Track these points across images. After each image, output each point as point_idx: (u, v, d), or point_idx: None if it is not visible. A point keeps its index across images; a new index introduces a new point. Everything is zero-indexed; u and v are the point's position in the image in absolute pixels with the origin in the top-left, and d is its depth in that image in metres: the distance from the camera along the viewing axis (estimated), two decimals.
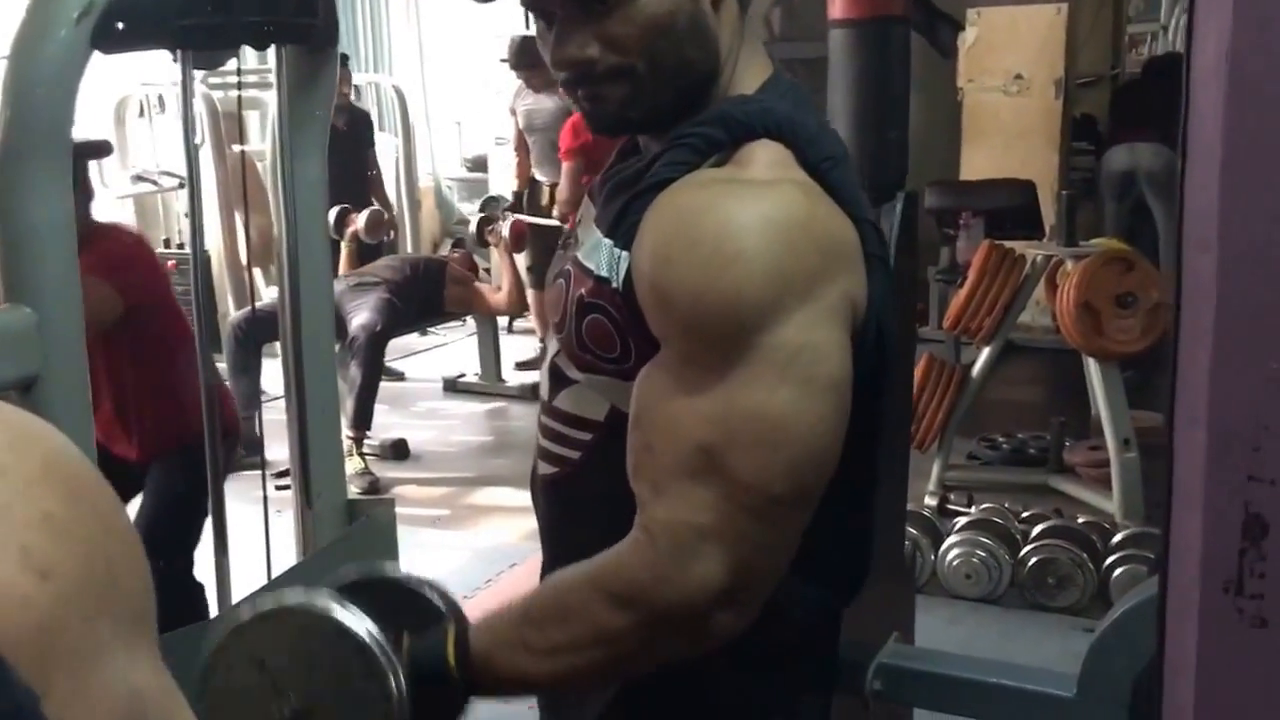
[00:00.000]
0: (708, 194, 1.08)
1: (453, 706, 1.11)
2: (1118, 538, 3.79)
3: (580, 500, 1.25)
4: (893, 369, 1.20)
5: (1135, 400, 4.37)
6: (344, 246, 5.90)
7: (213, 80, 6.23)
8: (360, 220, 5.92)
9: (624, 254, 1.12)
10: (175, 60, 1.71)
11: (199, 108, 5.72)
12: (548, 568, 1.32)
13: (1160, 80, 6.55)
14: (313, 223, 1.94)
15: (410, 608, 1.13)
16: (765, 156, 1.11)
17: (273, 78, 1.90)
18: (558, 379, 1.24)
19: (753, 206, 1.05)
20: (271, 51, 1.88)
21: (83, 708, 0.43)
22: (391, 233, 6.72)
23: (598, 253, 1.15)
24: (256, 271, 6.61)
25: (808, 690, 1.27)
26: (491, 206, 6.15)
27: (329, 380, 2.05)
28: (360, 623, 1.05)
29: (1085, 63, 6.75)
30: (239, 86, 4.44)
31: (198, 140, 1.92)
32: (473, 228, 6.14)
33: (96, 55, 1.60)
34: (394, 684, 1.04)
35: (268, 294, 6.43)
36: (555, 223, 6.26)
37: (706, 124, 1.13)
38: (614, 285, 1.12)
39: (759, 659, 1.17)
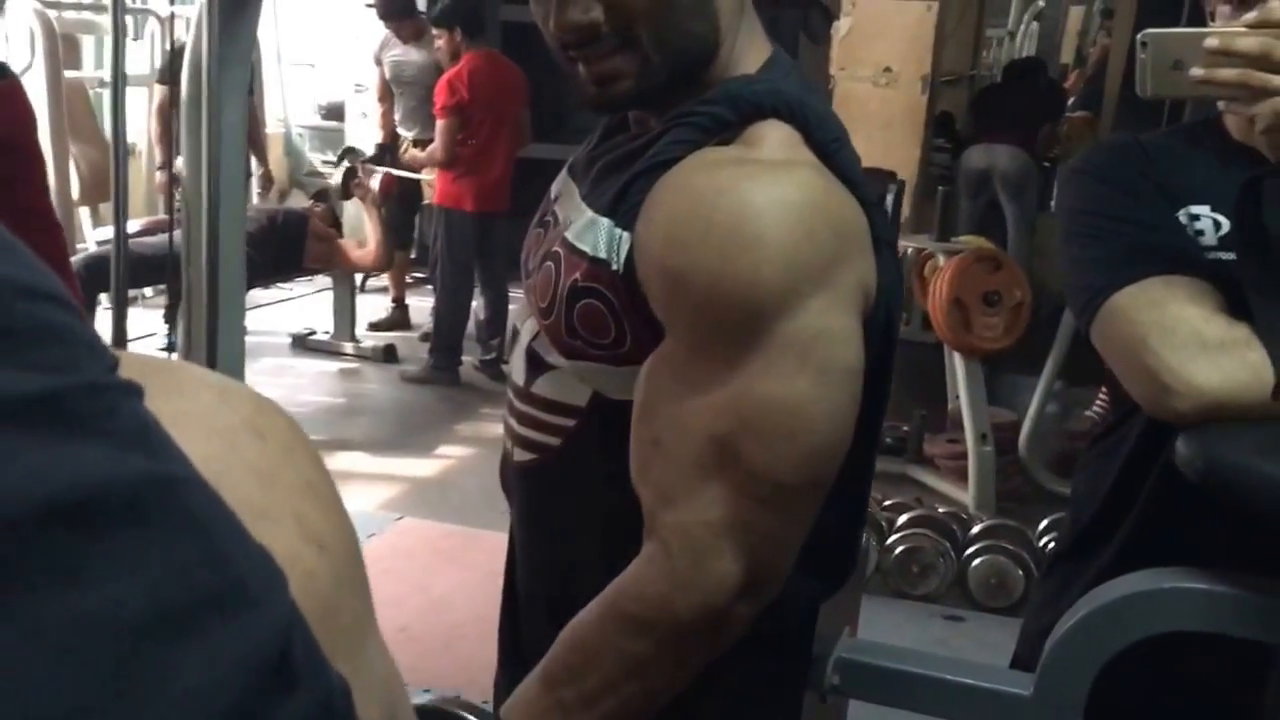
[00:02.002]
0: (723, 175, 1.03)
1: None
2: (976, 529, 3.90)
3: (561, 486, 1.21)
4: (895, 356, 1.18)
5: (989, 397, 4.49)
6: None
7: None
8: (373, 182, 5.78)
9: (625, 234, 1.07)
10: None
11: (31, 25, 5.35)
12: (527, 553, 1.29)
13: (1018, 85, 6.77)
14: (233, 167, 1.82)
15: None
16: (774, 137, 1.08)
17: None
18: (535, 364, 1.19)
19: (770, 189, 1.01)
20: None
21: (359, 695, 0.38)
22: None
23: (592, 233, 1.10)
24: (83, 212, 6.29)
25: (789, 683, 1.26)
26: (351, 158, 5.95)
27: (239, 336, 1.94)
28: None
29: (948, 62, 6.90)
30: None
31: (25, 64, 1.78)
32: (336, 179, 5.93)
33: None
34: None
35: (93, 236, 6.14)
36: (421, 177, 6.12)
37: (714, 102, 1.09)
38: (614, 267, 1.07)
39: (756, 651, 1.14)
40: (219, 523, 0.34)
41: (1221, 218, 1.36)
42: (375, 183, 5.83)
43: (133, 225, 3.91)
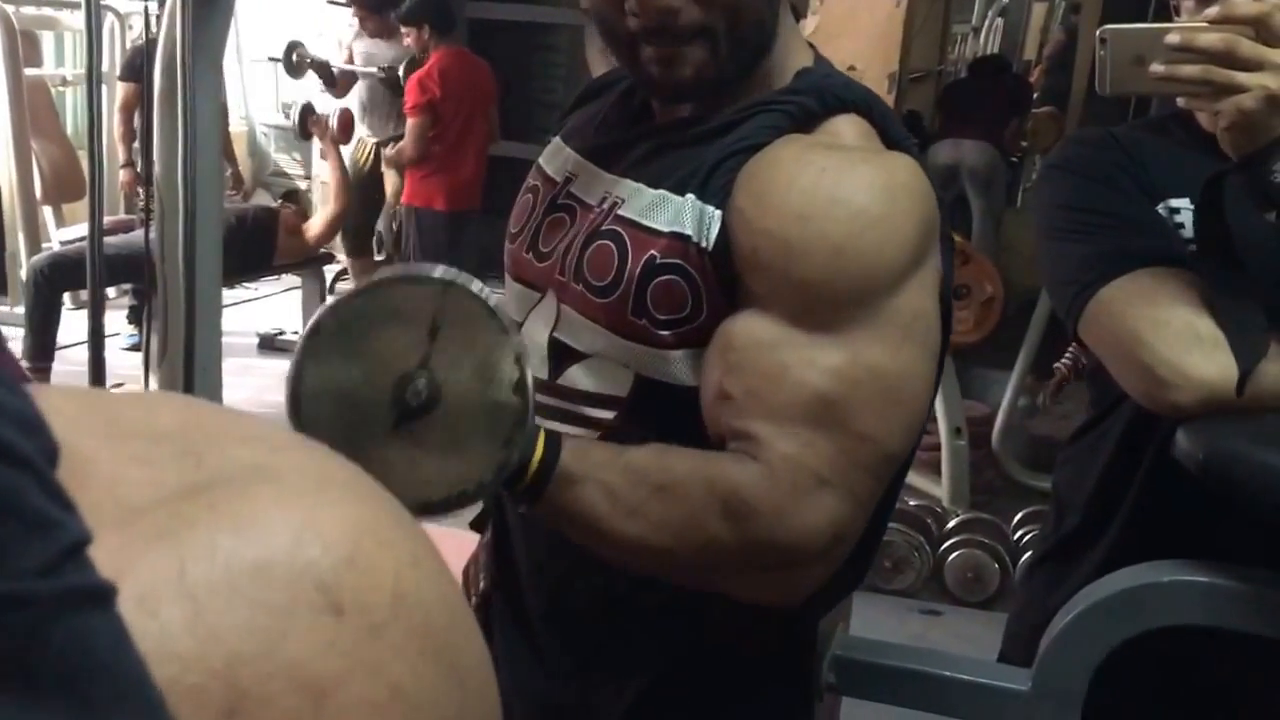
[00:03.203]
0: (837, 156, 1.07)
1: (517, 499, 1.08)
2: (951, 523, 3.91)
3: None
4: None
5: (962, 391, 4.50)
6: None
7: None
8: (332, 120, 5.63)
9: (716, 212, 1.08)
10: None
11: None
12: (545, 554, 1.26)
13: (985, 81, 6.79)
14: (209, 164, 1.79)
15: None
16: (852, 130, 1.12)
17: None
18: (562, 354, 1.17)
19: (885, 173, 1.06)
20: None
21: None
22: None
23: (667, 210, 1.11)
24: (46, 211, 6.21)
25: (802, 712, 1.28)
26: (308, 111, 5.87)
27: (216, 336, 1.91)
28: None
29: (915, 58, 6.91)
30: None
31: None
32: (294, 116, 5.82)
33: None
34: (529, 389, 1.00)
35: (57, 236, 6.06)
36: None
37: (800, 92, 1.13)
38: (703, 244, 1.08)
39: (771, 683, 1.15)
40: None
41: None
42: (334, 118, 5.69)
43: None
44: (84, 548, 0.25)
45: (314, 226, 5.64)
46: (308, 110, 5.74)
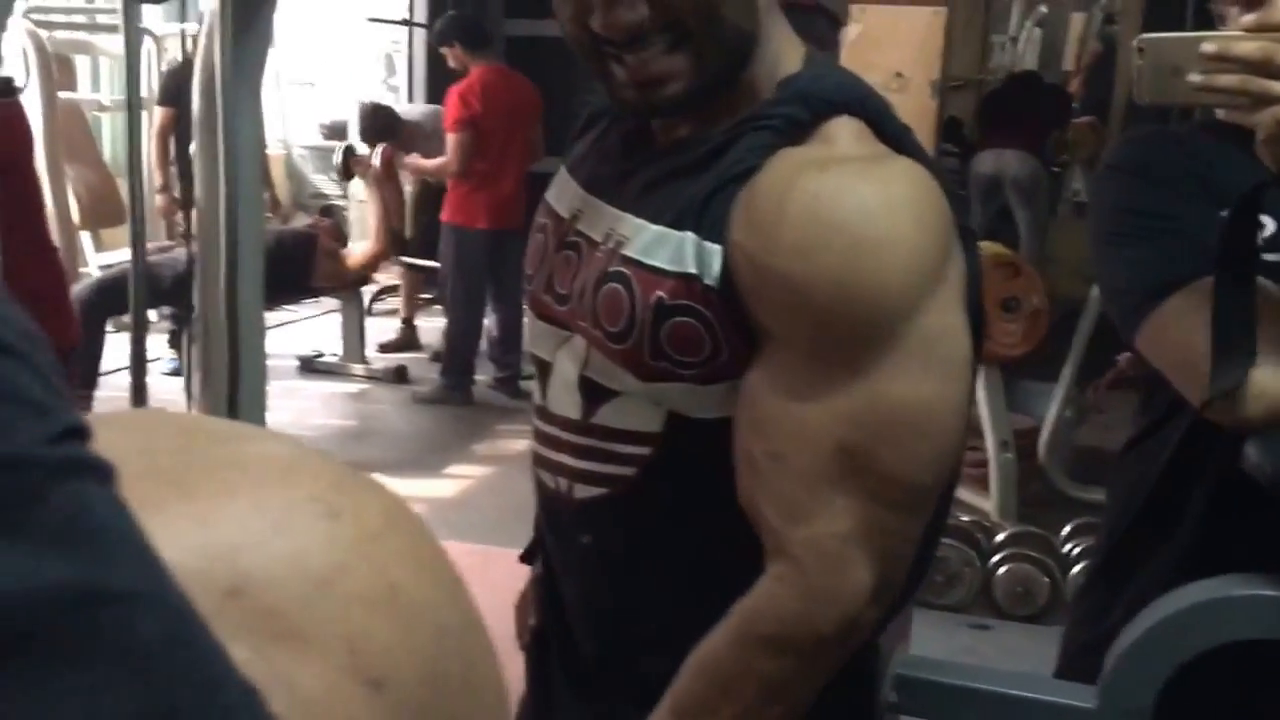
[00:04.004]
0: (829, 177, 1.00)
1: None
2: (1000, 537, 3.86)
3: (640, 518, 1.16)
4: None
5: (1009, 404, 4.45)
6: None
7: (37, 16, 5.79)
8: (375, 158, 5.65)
9: (716, 247, 1.03)
10: None
11: (23, 45, 5.30)
12: (592, 592, 1.23)
13: (1024, 91, 6.74)
14: (250, 186, 1.78)
15: None
16: (848, 133, 1.05)
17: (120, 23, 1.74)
18: (593, 393, 1.14)
19: (882, 187, 1.00)
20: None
21: None
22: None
23: (668, 248, 1.05)
24: (84, 236, 6.26)
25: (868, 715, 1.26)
26: (350, 153, 5.91)
27: (260, 359, 1.90)
28: None
29: (955, 66, 6.88)
30: None
31: (20, 84, 1.74)
32: (337, 158, 5.86)
33: None
34: None
35: (96, 261, 6.10)
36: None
37: (784, 103, 1.06)
38: (707, 281, 1.03)
39: (841, 687, 1.12)
40: (179, 658, 0.24)
41: (1268, 219, 1.31)
42: (376, 156, 5.70)
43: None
44: (83, 435, 0.26)
45: (354, 257, 5.66)
46: (350, 152, 5.78)
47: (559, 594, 1.27)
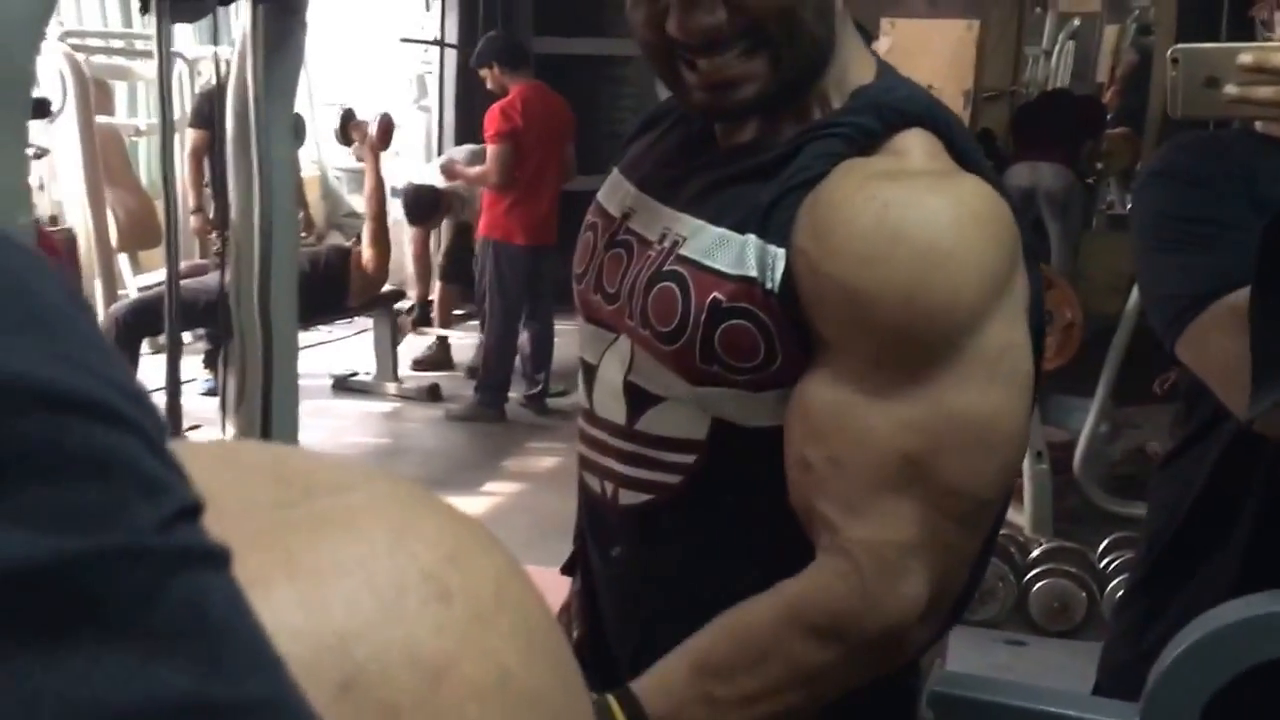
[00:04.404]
0: (900, 188, 1.00)
1: None
2: (1035, 552, 3.82)
3: (686, 526, 1.15)
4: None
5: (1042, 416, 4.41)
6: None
7: (75, 41, 5.84)
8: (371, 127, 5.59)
9: (779, 251, 1.02)
10: (147, 10, 1.55)
11: (60, 68, 5.36)
12: (634, 599, 1.22)
13: (1057, 102, 6.71)
14: (284, 206, 1.79)
15: None
16: (920, 145, 1.05)
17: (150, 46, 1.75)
18: (639, 398, 1.13)
19: (954, 201, 0.99)
20: (245, 17, 1.74)
21: None
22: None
23: (730, 250, 1.05)
24: (122, 258, 6.31)
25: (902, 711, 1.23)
26: (349, 117, 5.89)
27: (293, 378, 1.91)
28: None
29: (989, 79, 6.87)
30: None
31: (56, 108, 1.75)
32: (335, 124, 5.83)
33: None
34: None
35: (134, 282, 6.15)
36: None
37: (857, 112, 1.06)
38: (768, 286, 1.02)
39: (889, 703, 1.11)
40: None
41: None
42: (373, 125, 5.63)
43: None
44: (197, 513, 0.25)
45: (368, 260, 5.66)
46: (348, 116, 5.74)
47: (599, 606, 1.27)
